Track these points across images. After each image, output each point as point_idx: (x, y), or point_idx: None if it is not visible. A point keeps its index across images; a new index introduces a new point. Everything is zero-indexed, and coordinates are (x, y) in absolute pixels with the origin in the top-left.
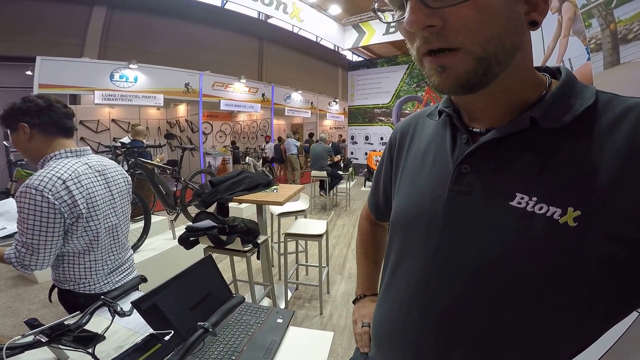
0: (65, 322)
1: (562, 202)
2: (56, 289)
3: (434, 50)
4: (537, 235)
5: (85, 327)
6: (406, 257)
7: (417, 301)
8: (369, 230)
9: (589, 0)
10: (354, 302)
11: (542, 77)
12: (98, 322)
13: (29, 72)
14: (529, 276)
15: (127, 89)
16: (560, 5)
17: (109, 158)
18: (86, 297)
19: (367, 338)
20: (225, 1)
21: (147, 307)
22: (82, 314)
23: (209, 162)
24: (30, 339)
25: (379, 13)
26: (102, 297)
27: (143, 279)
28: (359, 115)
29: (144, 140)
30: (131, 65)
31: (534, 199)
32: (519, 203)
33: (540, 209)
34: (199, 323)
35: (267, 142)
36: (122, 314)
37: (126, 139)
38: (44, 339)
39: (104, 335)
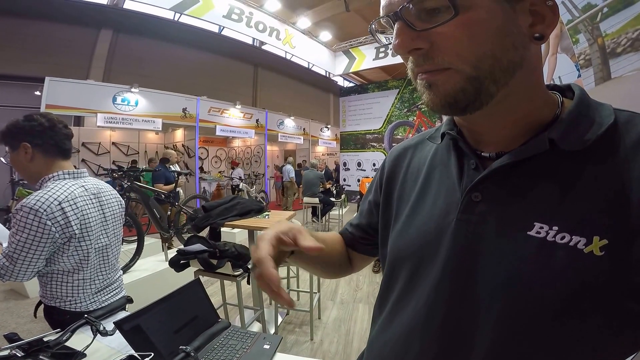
0: (45, 339)
1: (586, 230)
2: (42, 305)
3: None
4: (559, 265)
5: (68, 345)
6: (407, 293)
7: (416, 337)
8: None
9: (574, 16)
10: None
11: (554, 95)
12: (81, 339)
13: (37, 93)
14: (548, 308)
15: (128, 113)
16: None
17: (107, 181)
18: (71, 315)
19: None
20: (221, 27)
21: (129, 328)
22: (63, 331)
23: (203, 188)
24: (6, 352)
25: (377, 35)
26: (85, 315)
27: (129, 300)
28: (350, 142)
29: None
30: (133, 89)
31: (555, 228)
32: (538, 233)
33: (562, 238)
34: (180, 347)
35: (233, 169)
36: (105, 333)
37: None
38: (19, 354)
39: (85, 352)
